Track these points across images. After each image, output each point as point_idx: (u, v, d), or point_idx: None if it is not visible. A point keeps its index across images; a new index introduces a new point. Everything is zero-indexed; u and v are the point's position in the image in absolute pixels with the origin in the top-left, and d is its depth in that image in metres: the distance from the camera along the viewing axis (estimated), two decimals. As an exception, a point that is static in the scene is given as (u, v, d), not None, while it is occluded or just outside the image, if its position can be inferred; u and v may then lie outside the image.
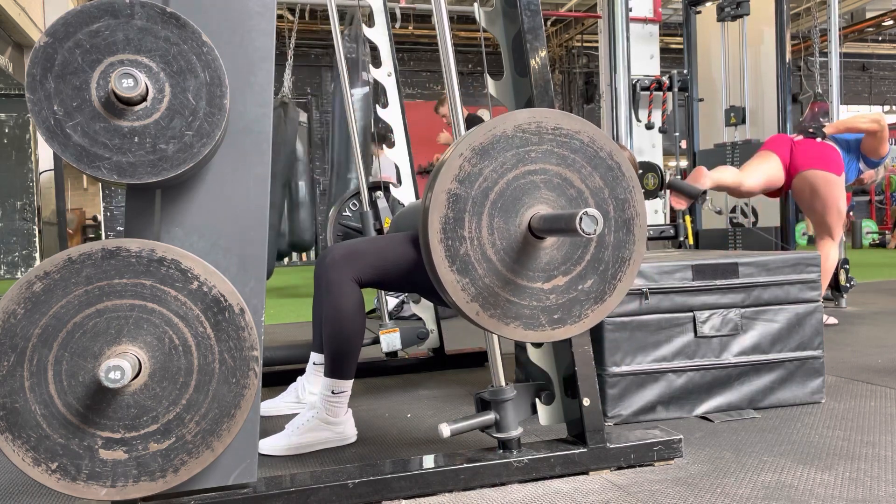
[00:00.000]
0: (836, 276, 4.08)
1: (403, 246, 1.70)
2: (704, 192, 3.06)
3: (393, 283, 1.74)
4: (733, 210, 5.12)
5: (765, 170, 3.35)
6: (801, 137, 3.43)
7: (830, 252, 3.35)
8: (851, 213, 11.43)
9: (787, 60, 4.70)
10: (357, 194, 2.98)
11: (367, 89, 5.28)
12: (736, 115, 4.91)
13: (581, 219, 1.08)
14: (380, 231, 2.84)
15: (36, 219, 9.45)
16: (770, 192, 3.54)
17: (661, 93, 7.14)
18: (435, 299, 1.98)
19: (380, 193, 2.89)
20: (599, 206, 1.28)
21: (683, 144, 5.73)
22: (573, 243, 1.27)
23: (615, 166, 1.29)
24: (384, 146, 2.95)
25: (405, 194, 2.82)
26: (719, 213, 4.30)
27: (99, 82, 1.10)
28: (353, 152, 2.80)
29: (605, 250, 1.29)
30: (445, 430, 1.47)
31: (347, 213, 3.17)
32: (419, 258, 1.66)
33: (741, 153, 4.72)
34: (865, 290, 5.01)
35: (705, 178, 3.09)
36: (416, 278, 1.68)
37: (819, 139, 3.32)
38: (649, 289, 1.86)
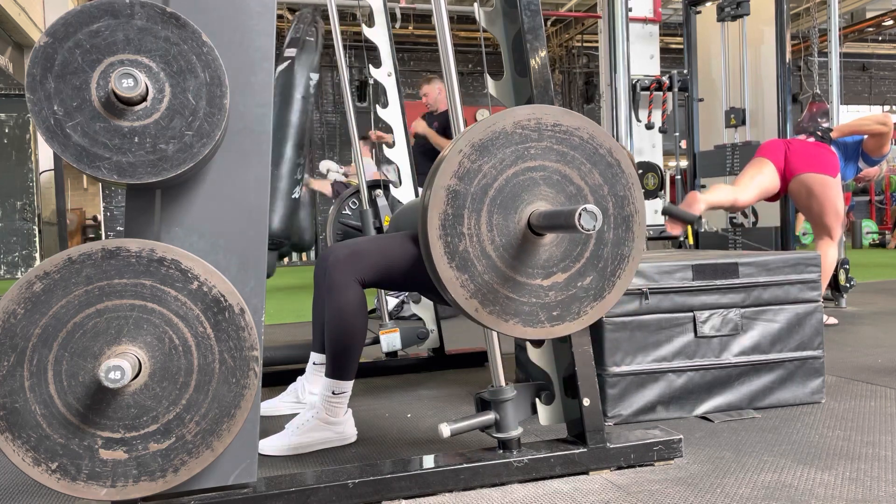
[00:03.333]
0: (835, 276, 4.09)
1: (405, 244, 1.70)
2: (699, 218, 3.08)
3: (395, 282, 1.74)
4: (733, 210, 5.12)
5: (759, 182, 3.35)
6: (796, 137, 3.44)
7: (829, 252, 3.35)
8: (851, 213, 11.44)
9: (787, 60, 4.70)
10: (356, 192, 2.98)
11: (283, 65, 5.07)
12: (736, 117, 4.90)
13: (580, 215, 1.08)
14: (379, 229, 2.84)
15: (36, 219, 9.45)
16: (768, 198, 3.55)
17: (661, 93, 7.14)
18: (435, 297, 1.97)
19: (379, 192, 2.89)
20: (599, 202, 1.28)
21: (683, 144, 5.73)
22: (572, 240, 1.27)
23: (614, 163, 1.29)
24: (385, 146, 2.95)
25: (405, 194, 2.82)
26: (725, 231, 4.30)
27: (99, 82, 1.10)
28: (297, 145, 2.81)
29: (604, 247, 1.29)
30: (445, 430, 1.47)
31: (347, 212, 3.17)
32: (420, 256, 1.66)
33: (741, 155, 4.72)
34: (865, 290, 5.01)
35: (699, 202, 3.10)
36: (417, 276, 1.68)
37: (828, 143, 3.33)
38: (649, 289, 1.86)
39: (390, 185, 2.85)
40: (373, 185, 2.93)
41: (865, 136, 3.39)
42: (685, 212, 3.07)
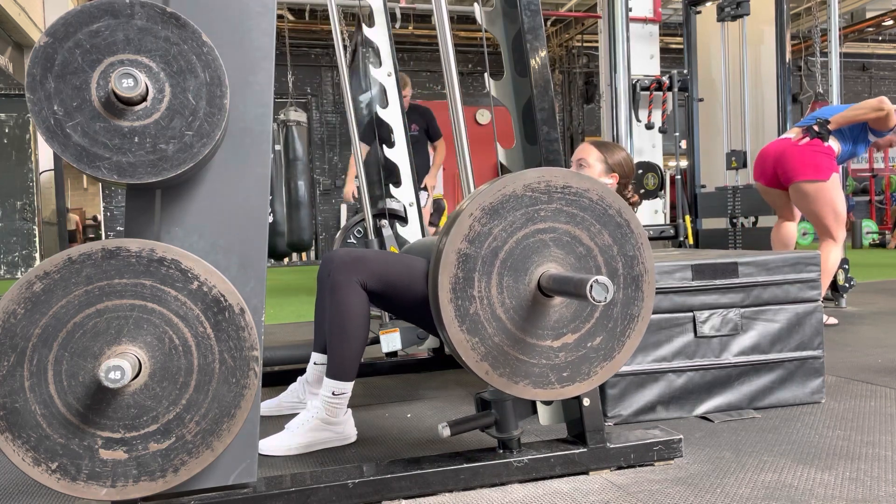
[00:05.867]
0: (835, 275, 4.08)
1: (410, 270, 1.69)
2: None
3: (394, 303, 1.72)
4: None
5: (781, 208, 3.59)
6: (792, 136, 3.41)
7: (831, 253, 3.33)
8: (851, 213, 11.43)
9: (787, 60, 4.71)
10: (362, 221, 2.97)
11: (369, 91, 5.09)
12: (737, 160, 4.89)
13: (591, 287, 1.08)
14: None
15: (36, 219, 9.45)
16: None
17: (661, 93, 7.14)
18: (433, 332, 1.96)
19: (385, 222, 2.89)
20: (608, 263, 1.29)
21: (683, 144, 5.73)
22: (582, 301, 1.27)
23: (623, 223, 1.30)
24: (384, 146, 2.94)
25: (405, 195, 2.81)
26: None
27: (99, 82, 1.10)
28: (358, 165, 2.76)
29: (614, 307, 1.30)
30: (445, 430, 1.47)
31: (352, 241, 3.16)
32: (424, 291, 1.66)
33: (742, 197, 4.74)
34: (865, 290, 5.01)
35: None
36: (417, 310, 1.68)
37: (825, 142, 3.29)
38: (649, 289, 1.86)
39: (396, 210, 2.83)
40: (378, 215, 2.92)
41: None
42: None
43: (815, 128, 3.30)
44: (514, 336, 1.25)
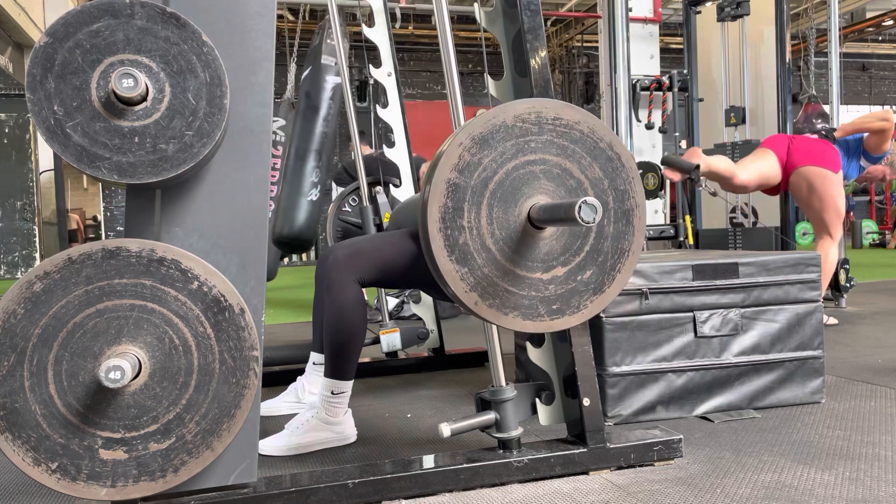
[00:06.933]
0: (836, 276, 4.08)
1: (404, 242, 1.70)
2: (697, 168, 3.14)
3: (394, 280, 1.75)
4: (733, 210, 5.12)
5: (760, 166, 3.37)
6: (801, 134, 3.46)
7: (830, 251, 3.34)
8: (851, 213, 11.44)
9: (787, 60, 4.70)
10: (356, 190, 2.98)
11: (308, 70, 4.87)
12: (736, 115, 4.91)
13: (580, 207, 1.08)
14: (379, 226, 2.84)
15: (36, 219, 9.46)
16: (767, 190, 3.55)
17: (661, 93, 7.13)
18: (435, 293, 1.97)
19: (379, 189, 2.89)
20: (599, 196, 1.28)
21: (683, 144, 5.73)
22: (572, 234, 1.27)
23: (615, 157, 1.29)
24: (385, 146, 2.94)
25: (405, 194, 2.81)
26: (714, 194, 4.17)
27: (99, 82, 1.10)
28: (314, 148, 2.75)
29: (604, 241, 1.29)
30: (445, 430, 1.47)
31: (347, 209, 3.16)
32: (419, 252, 1.66)
33: (741, 153, 4.73)
34: (865, 290, 5.01)
35: (699, 157, 3.18)
36: (416, 273, 1.68)
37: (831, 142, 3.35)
38: (649, 289, 1.86)
39: (391, 184, 2.84)
40: (373, 183, 2.93)
41: (867, 134, 3.40)
42: (684, 161, 3.18)
43: (822, 132, 3.36)
44: (503, 267, 1.24)
